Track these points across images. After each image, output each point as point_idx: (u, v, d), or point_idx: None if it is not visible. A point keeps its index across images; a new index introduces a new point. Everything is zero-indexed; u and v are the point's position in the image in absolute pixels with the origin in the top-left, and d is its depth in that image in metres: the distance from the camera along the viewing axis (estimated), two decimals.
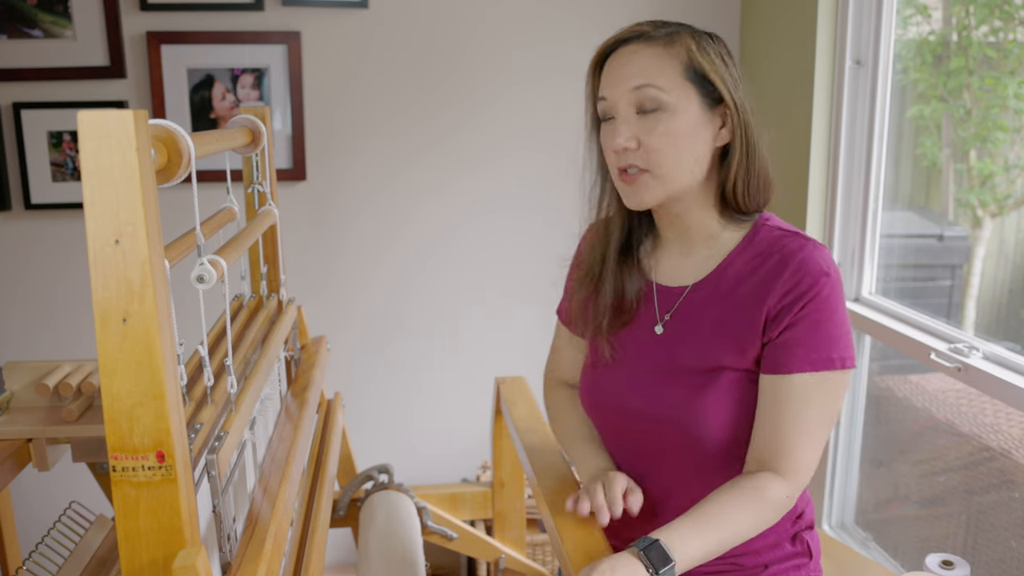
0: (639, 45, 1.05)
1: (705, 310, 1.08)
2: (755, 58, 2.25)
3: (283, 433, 1.20)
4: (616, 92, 1.04)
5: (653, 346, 1.11)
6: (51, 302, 2.25)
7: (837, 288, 1.02)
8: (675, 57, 1.04)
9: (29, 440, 1.16)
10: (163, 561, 0.70)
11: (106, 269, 0.65)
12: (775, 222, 1.10)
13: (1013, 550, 1.58)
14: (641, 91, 1.02)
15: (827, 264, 1.02)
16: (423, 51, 2.25)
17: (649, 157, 1.03)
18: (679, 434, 1.06)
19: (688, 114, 1.03)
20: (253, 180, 1.34)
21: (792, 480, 1.01)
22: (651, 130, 1.02)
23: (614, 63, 1.06)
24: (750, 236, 1.09)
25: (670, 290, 1.12)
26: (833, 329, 1.01)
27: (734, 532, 0.98)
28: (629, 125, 1.03)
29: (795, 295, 1.01)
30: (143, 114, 0.65)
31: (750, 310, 1.04)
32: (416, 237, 2.35)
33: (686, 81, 1.03)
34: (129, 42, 2.13)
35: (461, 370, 2.44)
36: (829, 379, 1.01)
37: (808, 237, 1.06)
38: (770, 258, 1.05)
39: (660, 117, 1.02)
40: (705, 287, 1.09)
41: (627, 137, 1.03)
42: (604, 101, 1.06)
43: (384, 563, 1.40)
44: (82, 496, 1.35)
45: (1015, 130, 1.70)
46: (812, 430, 1.01)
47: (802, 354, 1.00)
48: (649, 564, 0.91)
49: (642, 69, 1.03)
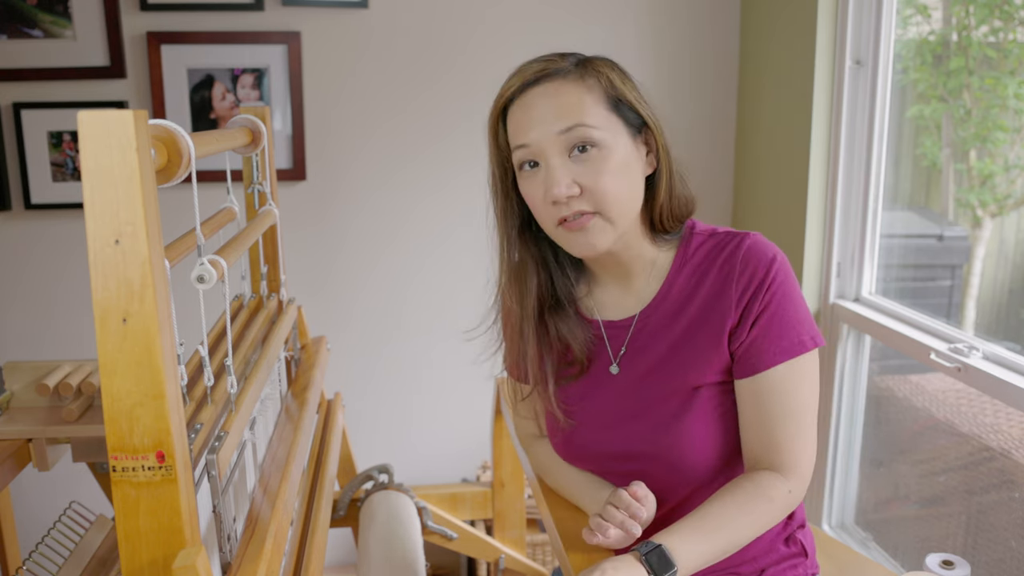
0: (553, 84, 0.97)
1: (659, 335, 1.06)
2: (755, 58, 2.26)
3: (283, 433, 1.20)
4: (540, 136, 0.96)
5: (613, 387, 1.08)
6: (51, 302, 2.25)
7: (787, 269, 1.01)
8: (593, 90, 0.98)
9: (29, 440, 1.16)
10: (163, 561, 0.70)
11: (106, 269, 0.65)
12: (701, 227, 1.08)
13: (1013, 550, 1.58)
14: (571, 133, 0.95)
15: (771, 249, 1.01)
16: (423, 51, 2.25)
17: (596, 200, 0.96)
18: (664, 465, 1.04)
19: (620, 147, 0.98)
20: (253, 180, 1.34)
21: (792, 474, 1.00)
22: (593, 172, 0.96)
23: (529, 107, 0.98)
24: (683, 250, 1.06)
25: (617, 324, 1.09)
26: (795, 312, 1.00)
27: (736, 534, 0.97)
28: (567, 170, 0.96)
29: (752, 291, 1.00)
30: (143, 114, 0.65)
31: (710, 321, 1.02)
32: (416, 237, 2.35)
33: (610, 112, 0.98)
34: (129, 42, 2.13)
35: (461, 370, 2.44)
36: (803, 363, 1.00)
37: (739, 231, 1.04)
38: (713, 264, 1.03)
39: (596, 156, 0.96)
40: (652, 312, 1.06)
41: (567, 184, 0.95)
42: (525, 148, 0.98)
43: (384, 563, 1.40)
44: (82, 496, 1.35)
45: (1015, 130, 1.70)
46: (800, 418, 1.00)
47: (773, 346, 0.99)
48: (651, 570, 0.90)
49: (566, 109, 0.96)
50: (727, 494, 0.99)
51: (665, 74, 2.32)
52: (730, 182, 2.42)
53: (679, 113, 2.35)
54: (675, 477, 1.05)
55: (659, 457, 1.04)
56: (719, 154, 2.40)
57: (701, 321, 1.03)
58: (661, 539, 0.93)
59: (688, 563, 0.92)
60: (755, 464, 1.02)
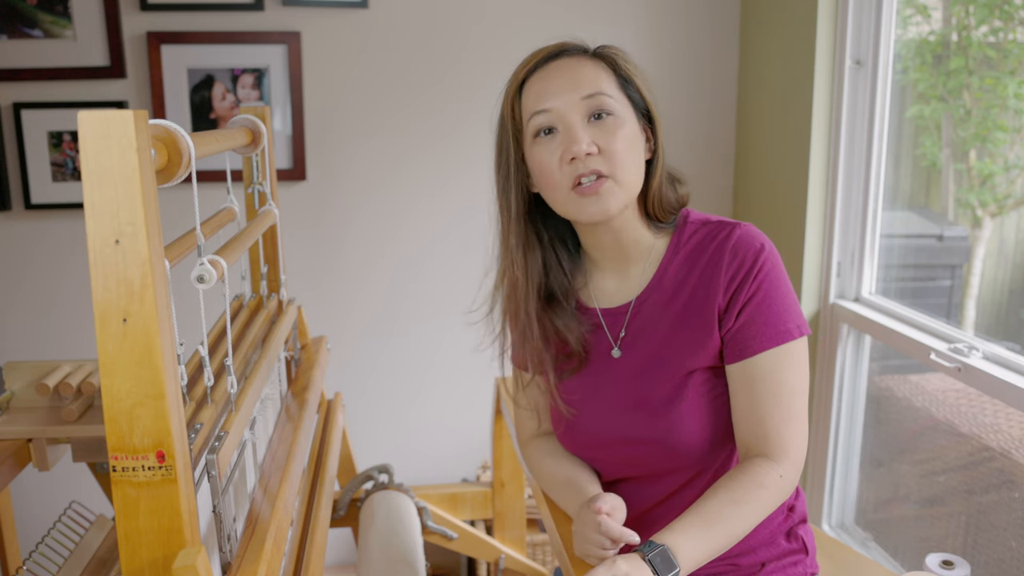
0: (572, 58, 1.05)
1: (654, 321, 1.09)
2: (755, 58, 2.25)
3: (283, 433, 1.20)
4: (563, 102, 1.02)
5: (613, 375, 1.11)
6: (51, 302, 2.25)
7: (776, 259, 1.05)
8: (607, 70, 1.04)
9: (29, 440, 1.16)
10: (163, 561, 0.70)
11: (106, 269, 0.65)
12: (695, 216, 1.12)
13: (1013, 550, 1.58)
14: (593, 99, 1.02)
15: (760, 239, 1.05)
16: (422, 51, 2.25)
17: (611, 161, 1.01)
18: (664, 448, 1.07)
19: (630, 122, 1.04)
20: (253, 180, 1.34)
21: (782, 459, 1.01)
22: (610, 134, 1.01)
23: (550, 77, 1.04)
24: (676, 237, 1.10)
25: (614, 311, 1.12)
26: (782, 300, 1.03)
27: (734, 527, 0.98)
28: (586, 131, 1.02)
29: (740, 278, 1.03)
30: (143, 114, 0.65)
31: (700, 307, 1.05)
32: (416, 236, 2.35)
33: (622, 92, 1.04)
34: (129, 42, 2.13)
35: (461, 370, 2.44)
36: (791, 350, 1.02)
37: (732, 220, 1.08)
38: (704, 252, 1.07)
39: (612, 123, 1.02)
40: (647, 297, 1.10)
41: (588, 142, 1.01)
42: (545, 114, 1.03)
43: (384, 563, 1.40)
44: (82, 496, 1.36)
45: (1015, 130, 1.70)
46: (788, 404, 1.02)
47: (760, 332, 1.02)
48: (654, 571, 0.91)
49: (586, 79, 1.02)
50: (721, 488, 1.00)
51: (665, 74, 2.32)
52: (730, 182, 2.42)
53: (679, 113, 2.35)
54: (674, 460, 1.08)
55: (658, 441, 1.07)
56: (719, 154, 2.40)
57: (693, 307, 1.06)
58: (663, 539, 0.94)
59: (689, 562, 0.94)
60: (747, 452, 1.04)
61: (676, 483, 1.10)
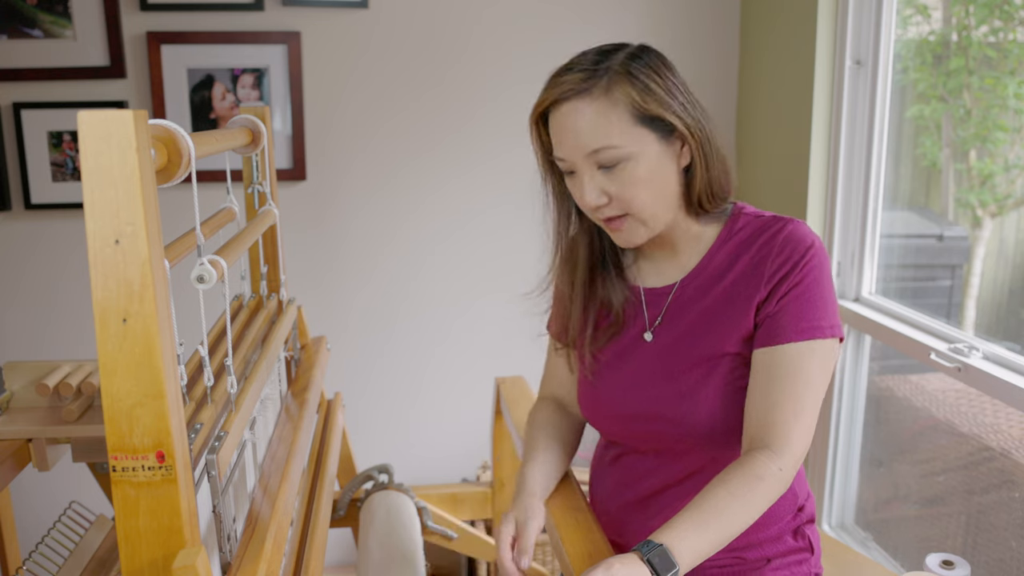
0: (580, 102, 1.00)
1: (695, 303, 1.10)
2: (755, 58, 2.25)
3: (283, 433, 1.20)
4: (571, 154, 1.02)
5: (644, 353, 1.12)
6: (51, 302, 2.25)
7: (824, 258, 1.05)
8: (619, 105, 1.00)
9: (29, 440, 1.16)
10: (163, 561, 0.70)
11: (106, 269, 0.65)
12: (750, 210, 1.12)
13: (1013, 550, 1.58)
14: (597, 155, 1.01)
15: (811, 236, 1.05)
16: (423, 51, 2.25)
17: (626, 206, 1.03)
18: (682, 430, 1.08)
19: (649, 155, 1.01)
20: (253, 180, 1.34)
21: (782, 452, 1.00)
22: (620, 182, 1.01)
23: (561, 124, 1.03)
24: (729, 225, 1.11)
25: (657, 291, 1.13)
26: (822, 298, 1.03)
27: (733, 521, 0.97)
28: (595, 183, 1.02)
29: (785, 270, 1.03)
30: (143, 114, 0.65)
31: (742, 293, 1.06)
32: (416, 236, 2.35)
33: (638, 126, 1.01)
34: (129, 42, 2.13)
35: (461, 370, 2.44)
36: (818, 348, 1.02)
37: (785, 217, 1.08)
38: (755, 242, 1.07)
39: (624, 168, 1.01)
40: (692, 281, 1.11)
41: (596, 195, 1.02)
42: (561, 161, 1.04)
43: (384, 563, 1.40)
44: (82, 496, 1.36)
45: (1015, 130, 1.70)
46: (802, 399, 1.01)
47: (792, 323, 1.02)
48: (653, 570, 0.90)
49: (592, 131, 1.00)
50: (719, 483, 0.99)
51: None
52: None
53: None
54: (688, 441, 1.08)
55: (677, 422, 1.07)
56: None
57: (733, 293, 1.07)
58: (661, 538, 0.93)
59: (688, 560, 0.93)
60: (750, 443, 1.03)
61: (689, 467, 1.11)
